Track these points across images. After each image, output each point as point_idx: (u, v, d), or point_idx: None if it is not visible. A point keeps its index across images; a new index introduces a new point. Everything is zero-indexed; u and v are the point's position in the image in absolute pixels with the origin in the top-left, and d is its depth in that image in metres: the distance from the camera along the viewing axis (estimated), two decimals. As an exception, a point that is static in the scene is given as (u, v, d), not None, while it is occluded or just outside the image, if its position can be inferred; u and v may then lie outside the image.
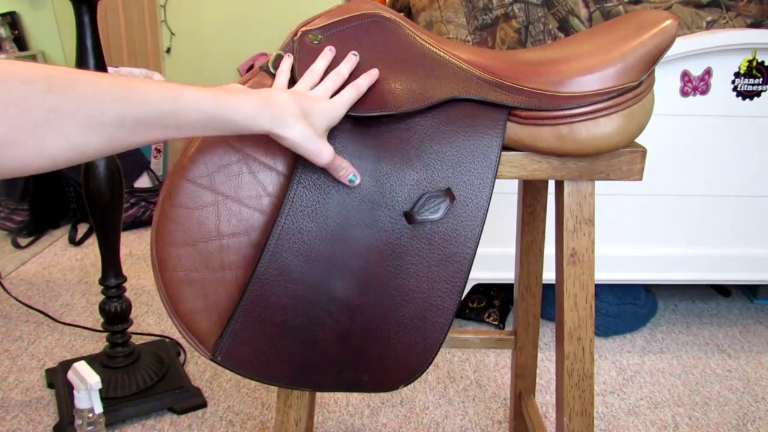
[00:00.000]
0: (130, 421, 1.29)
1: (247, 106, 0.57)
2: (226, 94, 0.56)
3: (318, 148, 0.61)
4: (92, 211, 1.23)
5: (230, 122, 0.56)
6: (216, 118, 0.55)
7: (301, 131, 0.60)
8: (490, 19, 1.59)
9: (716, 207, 1.54)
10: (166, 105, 0.52)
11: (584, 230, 0.74)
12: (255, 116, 0.57)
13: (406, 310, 0.66)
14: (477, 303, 1.74)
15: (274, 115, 0.58)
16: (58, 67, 0.48)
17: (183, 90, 0.54)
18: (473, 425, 1.31)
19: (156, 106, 0.52)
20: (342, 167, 0.64)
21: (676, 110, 1.46)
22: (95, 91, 0.49)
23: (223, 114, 0.56)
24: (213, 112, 0.55)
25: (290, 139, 0.60)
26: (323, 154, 0.61)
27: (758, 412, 1.38)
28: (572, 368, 0.76)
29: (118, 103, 0.50)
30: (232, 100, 0.56)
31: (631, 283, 1.63)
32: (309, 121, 0.61)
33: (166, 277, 0.64)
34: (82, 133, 0.48)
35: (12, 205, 2.22)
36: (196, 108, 0.54)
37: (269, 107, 0.58)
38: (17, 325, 1.65)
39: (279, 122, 0.58)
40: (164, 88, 0.52)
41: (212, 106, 0.55)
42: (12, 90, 0.45)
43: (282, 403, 0.75)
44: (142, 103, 0.51)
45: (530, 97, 0.68)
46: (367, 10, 0.72)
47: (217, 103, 0.55)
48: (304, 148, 0.61)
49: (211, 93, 0.55)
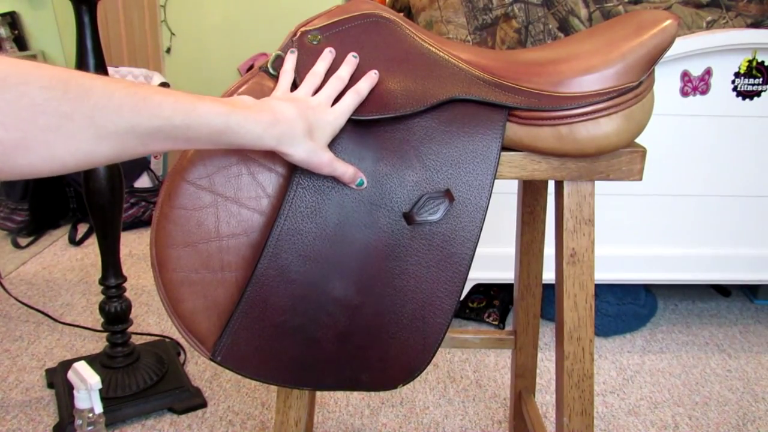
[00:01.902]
0: (130, 421, 1.29)
1: (256, 127, 0.57)
2: (238, 112, 0.57)
3: (320, 161, 0.62)
4: (92, 211, 1.23)
5: (238, 140, 0.57)
6: (225, 135, 0.56)
7: (305, 149, 0.61)
8: (490, 19, 1.59)
9: (716, 207, 1.54)
10: (179, 119, 0.52)
11: (584, 230, 0.74)
12: (262, 136, 0.58)
13: (405, 310, 0.66)
14: (477, 303, 1.74)
15: (281, 135, 0.59)
16: (74, 72, 0.48)
17: (196, 103, 0.54)
18: (473, 425, 1.31)
19: (168, 119, 0.52)
20: (347, 173, 0.64)
21: (676, 110, 1.46)
22: (110, 100, 0.49)
23: (232, 133, 0.56)
24: (223, 130, 0.55)
25: (295, 156, 0.61)
26: (324, 166, 0.62)
27: (758, 412, 1.38)
28: (572, 368, 0.76)
29: (132, 113, 0.50)
30: (243, 120, 0.57)
31: (631, 283, 1.63)
32: (314, 137, 0.62)
33: (165, 277, 0.64)
34: (93, 141, 0.48)
35: (12, 205, 2.22)
36: (208, 124, 0.54)
37: (277, 127, 0.59)
38: (17, 325, 1.65)
39: (286, 142, 0.59)
40: (178, 100, 0.53)
41: (223, 124, 0.55)
42: (28, 94, 0.45)
43: (282, 403, 0.75)
44: (155, 116, 0.51)
45: (530, 97, 0.68)
46: (367, 10, 0.72)
47: (228, 121, 0.55)
48: (307, 163, 0.62)
49: (224, 109, 0.55)
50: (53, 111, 0.46)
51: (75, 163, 0.49)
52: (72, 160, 0.48)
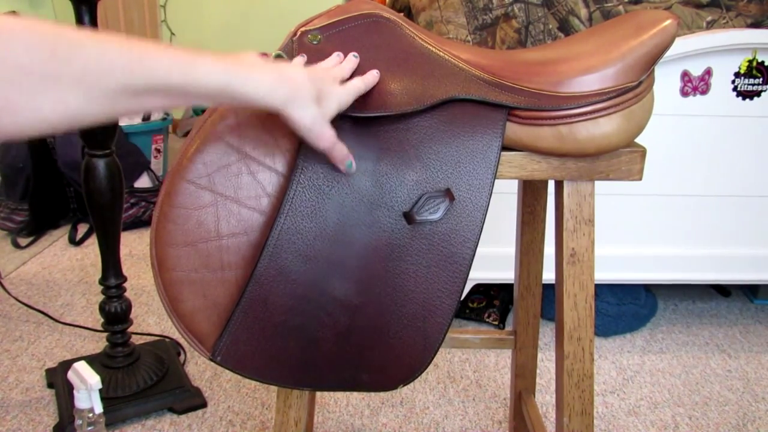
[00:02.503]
0: (130, 421, 1.29)
1: (260, 86, 0.55)
2: (241, 69, 0.54)
3: (323, 132, 0.60)
4: (92, 211, 1.23)
5: (241, 97, 0.54)
6: (226, 93, 0.53)
7: (312, 115, 0.58)
8: (490, 19, 1.59)
9: (716, 207, 1.54)
10: (176, 78, 0.50)
11: (584, 230, 0.74)
12: (267, 94, 0.55)
13: (405, 310, 0.66)
14: (477, 303, 1.74)
15: (287, 95, 0.56)
16: (63, 30, 0.45)
17: (195, 61, 0.51)
18: (473, 425, 1.31)
19: (164, 79, 0.49)
20: (342, 151, 0.63)
21: (676, 110, 1.46)
22: (101, 61, 0.46)
23: (235, 89, 0.53)
24: (224, 88, 0.53)
25: (299, 121, 0.58)
26: (326, 137, 0.60)
27: (758, 412, 1.38)
28: (572, 368, 0.76)
29: (125, 74, 0.47)
30: (245, 79, 0.54)
31: (631, 283, 1.63)
32: (322, 105, 0.59)
33: (165, 277, 0.64)
34: (82, 100, 0.46)
35: (12, 205, 2.22)
36: (207, 82, 0.52)
37: (284, 86, 0.56)
38: (17, 325, 1.65)
39: (292, 103, 0.57)
40: (175, 58, 0.50)
41: (224, 83, 0.53)
42: (13, 55, 0.42)
43: (282, 403, 0.75)
44: (151, 76, 0.48)
45: (530, 97, 0.68)
46: (367, 10, 0.72)
47: (230, 81, 0.53)
48: (310, 130, 0.59)
49: (224, 67, 0.53)
50: (40, 72, 0.43)
51: (64, 122, 0.46)
52: (60, 120, 0.46)
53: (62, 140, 2.20)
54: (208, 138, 0.65)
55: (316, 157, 0.65)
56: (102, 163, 1.20)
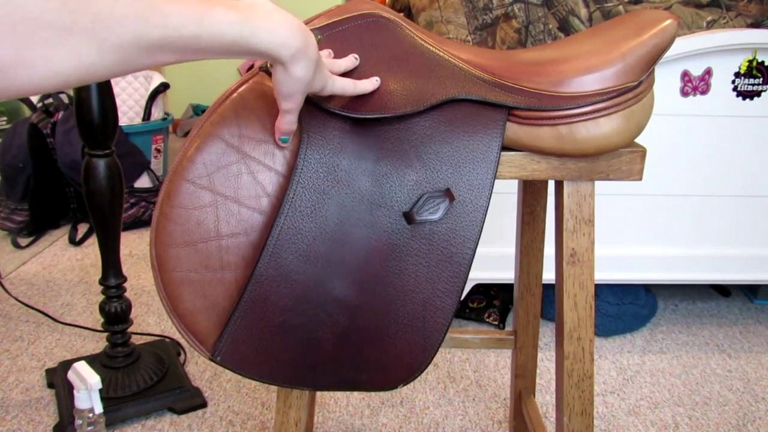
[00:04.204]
0: (130, 421, 1.29)
1: (273, 38, 0.54)
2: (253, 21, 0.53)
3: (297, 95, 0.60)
4: (92, 211, 1.23)
5: (251, 50, 0.54)
6: (237, 46, 0.53)
7: (306, 73, 0.58)
8: (490, 19, 1.59)
9: (716, 207, 1.54)
10: (189, 29, 0.49)
11: (584, 230, 0.74)
12: (278, 48, 0.55)
13: (405, 310, 0.66)
14: (477, 303, 1.74)
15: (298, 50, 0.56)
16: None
17: (207, 12, 0.50)
18: (473, 425, 1.31)
19: (177, 29, 0.48)
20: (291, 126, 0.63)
21: (676, 110, 1.46)
22: (113, 10, 0.45)
23: (246, 43, 0.53)
24: (236, 41, 0.52)
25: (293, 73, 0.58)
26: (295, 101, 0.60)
27: (758, 412, 1.38)
28: (572, 368, 0.76)
29: (137, 23, 0.46)
30: (258, 29, 0.53)
31: (631, 283, 1.63)
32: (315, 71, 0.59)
33: (165, 277, 0.64)
34: (96, 53, 0.45)
35: (12, 205, 2.22)
36: (220, 34, 0.51)
37: (298, 39, 0.55)
38: (17, 325, 1.65)
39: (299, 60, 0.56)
40: (187, 7, 0.49)
41: (237, 34, 0.52)
42: (24, 7, 0.41)
43: (282, 403, 0.75)
44: (163, 25, 0.48)
45: (530, 97, 0.68)
46: (367, 10, 0.72)
47: (243, 31, 0.52)
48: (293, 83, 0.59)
49: (238, 18, 0.52)
50: (51, 24, 0.42)
51: (77, 77, 0.46)
52: (74, 74, 0.45)
53: (62, 140, 2.20)
54: (208, 138, 0.65)
55: (316, 157, 0.65)
56: (102, 163, 1.20)
